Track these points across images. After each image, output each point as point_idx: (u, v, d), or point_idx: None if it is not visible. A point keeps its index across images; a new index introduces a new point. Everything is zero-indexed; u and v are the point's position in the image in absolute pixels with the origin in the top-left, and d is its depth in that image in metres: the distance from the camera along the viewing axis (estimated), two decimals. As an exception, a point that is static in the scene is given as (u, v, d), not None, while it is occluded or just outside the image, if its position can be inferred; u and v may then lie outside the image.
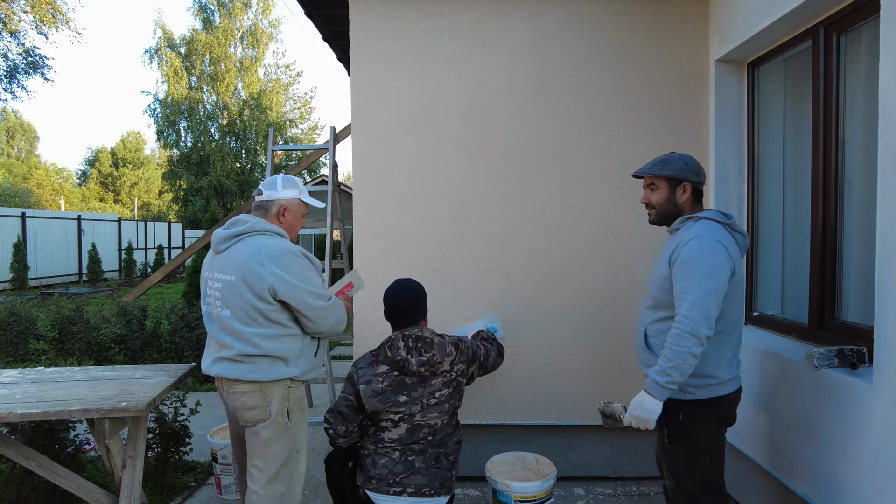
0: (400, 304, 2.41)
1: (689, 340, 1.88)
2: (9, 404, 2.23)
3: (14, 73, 15.59)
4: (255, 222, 2.30)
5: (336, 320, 2.37)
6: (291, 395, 2.30)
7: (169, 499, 3.21)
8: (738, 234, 2.10)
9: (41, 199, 34.89)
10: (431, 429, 2.32)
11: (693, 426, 2.06)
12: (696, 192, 2.16)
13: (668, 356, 1.92)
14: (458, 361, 2.35)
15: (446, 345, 2.35)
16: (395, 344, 2.33)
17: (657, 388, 1.94)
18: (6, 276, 14.63)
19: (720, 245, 1.96)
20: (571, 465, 3.41)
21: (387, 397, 2.29)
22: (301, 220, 2.49)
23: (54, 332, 6.03)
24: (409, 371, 2.29)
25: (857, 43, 2.40)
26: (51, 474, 2.56)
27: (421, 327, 2.39)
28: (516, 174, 3.34)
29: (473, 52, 3.33)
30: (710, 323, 1.89)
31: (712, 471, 2.09)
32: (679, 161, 2.14)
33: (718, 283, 1.92)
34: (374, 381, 2.31)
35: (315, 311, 2.25)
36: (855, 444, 2.07)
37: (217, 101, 28.31)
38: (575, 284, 3.33)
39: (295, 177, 2.52)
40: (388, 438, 2.32)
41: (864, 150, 2.33)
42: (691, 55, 3.29)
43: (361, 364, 2.40)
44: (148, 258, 20.56)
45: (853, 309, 2.41)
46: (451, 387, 2.36)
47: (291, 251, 2.26)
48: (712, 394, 2.04)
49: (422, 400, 2.30)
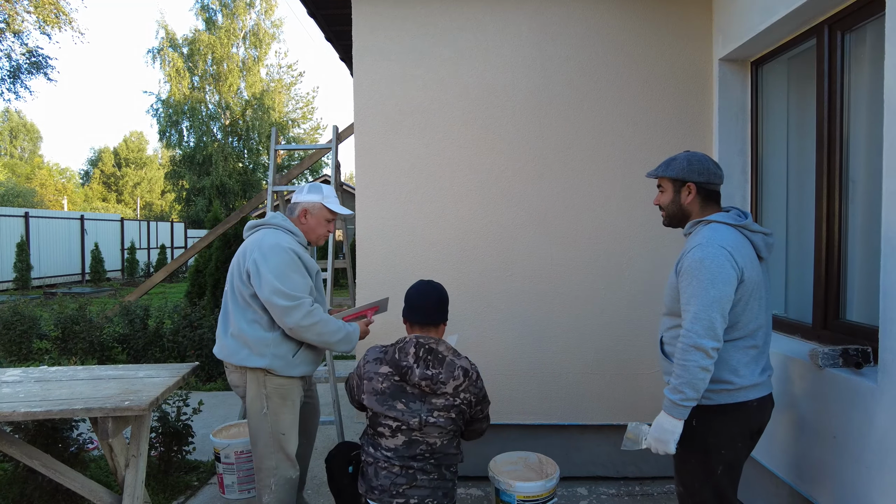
0: (424, 302, 2.36)
1: (695, 354, 1.83)
2: (12, 403, 2.23)
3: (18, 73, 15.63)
4: (273, 218, 2.57)
5: (304, 325, 2.37)
6: (269, 384, 2.45)
7: (172, 498, 3.22)
8: (757, 234, 2.00)
9: (44, 199, 34.99)
10: (430, 447, 2.24)
11: (708, 433, 1.94)
12: (706, 193, 2.05)
13: (678, 373, 1.86)
14: (464, 390, 2.24)
15: (456, 367, 2.24)
16: (405, 348, 2.27)
17: (674, 407, 1.88)
18: (10, 275, 14.68)
19: (724, 252, 1.87)
20: (574, 465, 3.40)
21: (384, 399, 2.24)
22: (324, 224, 2.65)
23: (57, 332, 6.04)
24: (410, 381, 2.21)
25: (861, 41, 2.39)
26: (54, 473, 2.56)
27: (438, 340, 2.31)
28: (519, 173, 3.34)
29: (476, 52, 3.33)
30: (713, 334, 1.83)
31: (725, 482, 1.97)
32: (682, 161, 2.06)
33: (721, 293, 1.84)
34: (375, 379, 2.27)
35: (273, 306, 2.36)
36: (859, 443, 2.06)
37: (219, 101, 28.34)
38: (577, 284, 3.32)
39: (320, 184, 2.67)
40: (386, 447, 2.26)
41: (869, 149, 2.32)
42: (694, 54, 3.28)
43: (369, 357, 2.35)
44: (150, 258, 20.61)
45: (858, 308, 2.40)
46: (453, 412, 2.24)
47: (279, 245, 2.43)
48: (730, 399, 1.93)
49: (420, 415, 2.21)
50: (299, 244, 2.56)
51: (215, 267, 7.70)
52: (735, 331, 1.93)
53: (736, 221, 1.99)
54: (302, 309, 2.37)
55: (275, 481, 2.50)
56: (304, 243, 2.62)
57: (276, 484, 2.50)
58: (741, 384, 1.93)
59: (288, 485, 2.54)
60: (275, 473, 2.50)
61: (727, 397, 1.94)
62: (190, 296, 8.38)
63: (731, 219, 2.00)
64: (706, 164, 2.05)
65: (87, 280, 17.33)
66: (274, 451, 2.49)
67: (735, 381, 1.93)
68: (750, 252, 1.96)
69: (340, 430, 3.77)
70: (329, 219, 2.65)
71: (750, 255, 1.95)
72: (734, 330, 1.93)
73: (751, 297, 1.93)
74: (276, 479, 2.50)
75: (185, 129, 28.67)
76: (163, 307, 6.89)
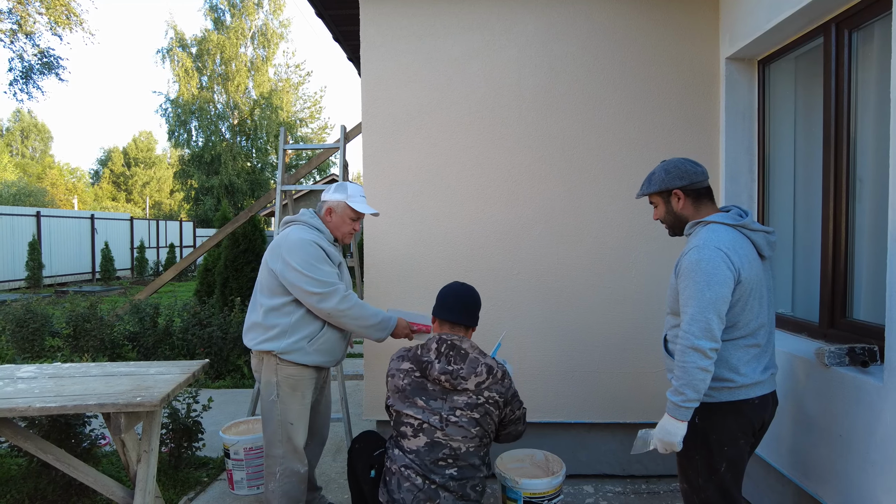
0: (455, 301, 2.36)
1: (693, 355, 1.85)
2: (28, 398, 2.28)
3: (30, 73, 15.79)
4: (303, 215, 2.70)
5: (342, 309, 2.49)
6: (280, 372, 2.54)
7: (182, 493, 3.26)
8: (758, 232, 2.01)
9: (55, 199, 35.30)
10: (453, 451, 2.20)
11: (711, 430, 1.97)
12: (695, 194, 2.07)
13: (678, 374, 1.89)
14: (488, 387, 2.23)
15: (480, 364, 2.23)
16: (428, 345, 2.29)
17: (675, 409, 1.90)
18: (22, 274, 14.84)
19: (719, 253, 1.88)
20: (581, 463, 3.41)
21: (405, 397, 2.25)
22: (348, 223, 2.71)
23: (69, 329, 6.11)
24: (431, 376, 2.21)
25: (869, 39, 2.38)
26: (68, 468, 2.60)
27: (462, 337, 2.31)
28: (525, 173, 3.35)
29: (483, 52, 3.35)
30: (711, 335, 1.84)
31: (728, 479, 1.99)
32: (660, 173, 2.10)
33: (717, 294, 1.85)
34: (397, 375, 2.29)
35: (308, 295, 2.47)
36: (866, 442, 2.06)
37: (228, 101, 28.52)
38: (584, 283, 3.33)
39: (347, 183, 2.74)
40: (408, 448, 2.24)
41: (877, 148, 2.32)
42: (701, 53, 3.28)
43: (394, 356, 2.39)
44: (160, 257, 20.77)
45: (864, 307, 2.40)
46: (476, 412, 2.21)
47: (303, 239, 2.54)
48: (731, 397, 1.95)
49: (441, 412, 2.19)
50: (325, 239, 2.65)
51: (224, 265, 7.76)
52: (736, 330, 1.94)
53: (735, 221, 2.00)
54: (338, 294, 2.49)
55: (280, 471, 2.58)
56: (331, 239, 2.70)
57: (282, 474, 2.58)
58: (742, 382, 1.95)
59: (295, 478, 2.60)
60: (282, 463, 2.58)
61: (728, 395, 1.96)
62: (199, 294, 8.45)
63: (730, 219, 2.01)
64: (683, 167, 2.07)
65: (98, 279, 17.50)
66: (282, 440, 2.57)
67: (736, 380, 1.95)
68: (748, 252, 1.96)
69: (348, 427, 3.80)
70: (353, 217, 2.71)
71: (748, 255, 1.95)
72: (735, 329, 1.94)
73: (750, 296, 1.94)
74: (281, 469, 2.58)
75: (194, 129, 28.88)
76: (172, 305, 6.95)
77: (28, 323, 6.28)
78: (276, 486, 2.58)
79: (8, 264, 14.67)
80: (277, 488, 2.58)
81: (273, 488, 2.59)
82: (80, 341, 6.00)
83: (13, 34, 15.02)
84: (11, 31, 14.96)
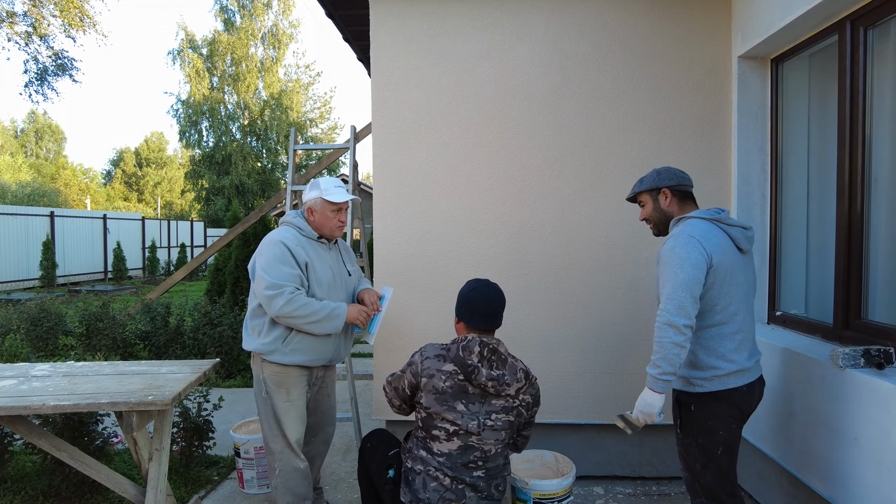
0: (488, 308, 2.24)
1: (668, 331, 2.00)
2: (42, 396, 2.30)
3: (44, 75, 15.97)
4: (288, 215, 2.72)
5: (286, 312, 2.46)
6: (265, 370, 2.62)
7: (193, 491, 3.28)
8: (734, 227, 2.16)
9: (68, 199, 35.71)
10: (484, 454, 2.17)
11: (706, 418, 2.14)
12: (681, 195, 2.28)
13: (655, 349, 2.05)
14: (524, 391, 2.21)
15: (518, 370, 2.21)
16: (469, 347, 2.17)
17: (654, 381, 2.06)
18: (36, 273, 15.02)
19: (692, 239, 2.06)
20: (591, 464, 3.40)
21: (444, 399, 2.14)
22: (329, 217, 2.67)
23: (82, 328, 6.18)
24: (476, 381, 2.13)
25: (885, 37, 2.35)
26: (82, 465, 2.62)
27: (498, 340, 2.24)
28: (536, 172, 3.34)
29: (493, 51, 3.34)
30: (684, 312, 2.00)
31: (725, 462, 2.15)
32: (652, 174, 2.32)
33: (689, 275, 2.02)
34: (437, 376, 2.16)
35: (261, 296, 2.50)
36: (881, 444, 2.04)
37: (238, 102, 28.69)
38: (594, 283, 3.32)
39: (320, 179, 2.72)
40: (438, 451, 2.17)
41: (892, 147, 2.29)
42: (713, 52, 3.25)
43: (429, 354, 2.22)
44: (171, 257, 20.92)
45: (880, 308, 2.37)
46: (511, 415, 2.19)
47: (272, 239, 2.59)
48: (722, 386, 2.10)
49: (479, 417, 2.14)
50: (304, 237, 2.64)
51: (235, 265, 7.80)
52: (714, 314, 2.10)
53: (711, 216, 2.17)
54: (283, 297, 2.47)
55: (280, 466, 2.64)
56: (314, 237, 2.68)
57: (281, 469, 2.63)
58: (730, 370, 2.10)
59: (296, 473, 2.64)
60: (280, 459, 2.64)
61: (719, 384, 2.11)
62: (210, 294, 8.50)
63: (707, 214, 2.18)
64: (673, 170, 2.30)
65: (110, 278, 17.66)
66: (276, 435, 2.63)
67: (724, 367, 2.10)
68: (722, 241, 2.12)
69: (358, 426, 3.81)
70: (334, 209, 2.65)
71: (721, 244, 2.10)
72: (714, 314, 2.10)
73: (724, 280, 2.08)
74: (280, 465, 2.64)
75: (205, 129, 29.08)
76: (183, 305, 7.00)
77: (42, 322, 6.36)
78: (278, 481, 2.64)
79: (23, 264, 14.85)
80: (280, 484, 2.64)
81: (276, 484, 2.66)
82: (92, 340, 6.07)
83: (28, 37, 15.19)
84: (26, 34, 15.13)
